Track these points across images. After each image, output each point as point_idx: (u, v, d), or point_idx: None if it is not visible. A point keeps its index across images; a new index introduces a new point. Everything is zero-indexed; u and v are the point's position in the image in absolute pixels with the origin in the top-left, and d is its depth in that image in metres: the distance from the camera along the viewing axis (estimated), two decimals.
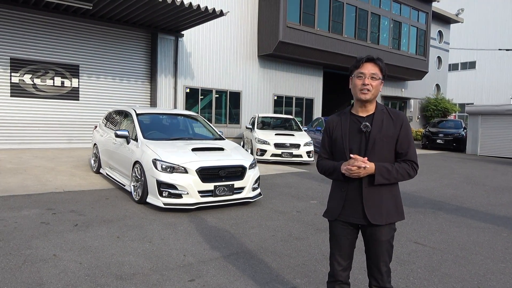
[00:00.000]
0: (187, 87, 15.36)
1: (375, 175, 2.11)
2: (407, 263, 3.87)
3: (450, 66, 38.86)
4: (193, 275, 3.42)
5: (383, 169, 2.12)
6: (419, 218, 5.69)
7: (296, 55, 17.32)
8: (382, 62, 2.20)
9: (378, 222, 2.17)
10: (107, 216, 5.14)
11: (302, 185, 8.08)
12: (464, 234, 4.97)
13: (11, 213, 5.07)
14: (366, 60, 2.19)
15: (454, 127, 19.23)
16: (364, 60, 2.19)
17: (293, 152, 11.26)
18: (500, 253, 4.30)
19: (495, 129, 16.74)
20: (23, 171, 8.02)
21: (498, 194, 7.91)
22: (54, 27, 12.22)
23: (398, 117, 2.22)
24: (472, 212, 6.24)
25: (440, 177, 9.87)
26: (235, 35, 16.53)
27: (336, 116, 2.35)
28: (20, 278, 3.21)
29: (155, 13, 12.00)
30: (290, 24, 16.32)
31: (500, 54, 36.82)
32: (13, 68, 11.66)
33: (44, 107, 12.24)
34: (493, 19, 38.16)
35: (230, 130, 16.61)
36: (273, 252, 4.06)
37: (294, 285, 3.31)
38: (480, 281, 3.51)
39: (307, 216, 5.58)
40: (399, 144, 2.19)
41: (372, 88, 2.16)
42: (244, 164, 5.97)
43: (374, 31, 20.34)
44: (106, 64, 13.35)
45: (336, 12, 18.24)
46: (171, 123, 7.67)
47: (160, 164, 5.51)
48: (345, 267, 2.31)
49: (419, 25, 23.20)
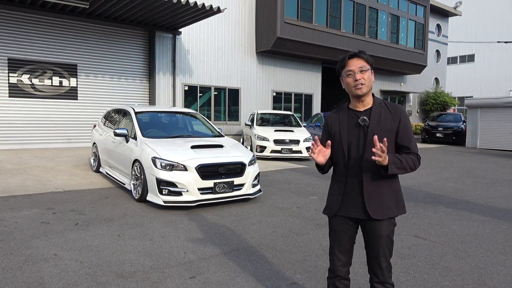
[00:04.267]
0: (186, 84, 15.34)
1: (389, 165, 2.06)
2: (407, 257, 3.88)
3: (449, 60, 38.79)
4: (194, 272, 3.42)
5: (395, 159, 2.09)
6: (419, 212, 5.69)
7: (295, 51, 17.28)
8: (365, 54, 2.20)
9: (379, 217, 2.16)
10: (107, 215, 5.14)
11: (302, 181, 8.08)
12: (464, 227, 4.97)
13: (11, 213, 5.08)
14: (349, 57, 2.19)
15: (453, 120, 19.22)
16: (347, 57, 2.20)
17: (292, 148, 11.26)
18: (500, 245, 4.30)
19: (495, 122, 16.72)
20: (23, 171, 8.02)
21: (498, 186, 7.92)
22: (51, 27, 12.18)
23: (396, 110, 2.21)
24: (472, 205, 6.25)
25: (440, 171, 9.88)
26: (233, 32, 16.48)
27: (334, 113, 2.35)
28: (21, 277, 3.22)
29: (152, 11, 11.96)
30: (288, 19, 16.27)
31: (499, 46, 36.74)
32: (11, 69, 11.64)
33: (42, 107, 12.23)
34: (492, 11, 38.05)
35: (229, 127, 16.60)
36: (274, 248, 4.07)
37: (294, 280, 3.32)
38: (480, 274, 3.52)
39: (307, 212, 5.58)
40: (399, 137, 2.18)
41: (365, 80, 2.16)
42: (244, 160, 5.97)
43: (372, 26, 20.29)
44: (104, 63, 13.33)
45: (334, 7, 18.19)
46: (170, 121, 7.66)
47: (159, 162, 5.51)
48: (345, 262, 2.31)
49: (417, 19, 23.14)
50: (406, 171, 2.16)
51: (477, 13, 38.49)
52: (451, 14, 27.87)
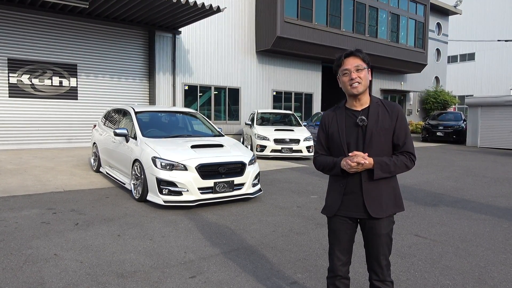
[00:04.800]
0: (186, 84, 15.33)
1: (374, 170, 2.11)
2: (407, 256, 3.87)
3: (449, 58, 38.76)
4: (194, 271, 3.42)
5: (381, 163, 2.12)
6: (419, 211, 5.69)
7: (295, 50, 17.27)
8: (362, 52, 2.20)
9: (378, 215, 2.16)
10: (108, 215, 5.15)
11: (302, 180, 8.08)
12: (464, 226, 4.97)
13: (11, 213, 5.08)
14: (345, 56, 2.20)
15: (454, 119, 19.20)
16: (343, 56, 2.20)
17: (293, 147, 11.26)
18: (501, 244, 4.30)
19: (495, 121, 16.71)
20: (23, 171, 8.03)
21: (498, 185, 7.91)
22: (51, 27, 12.18)
23: (393, 109, 2.21)
24: (472, 204, 6.24)
25: (440, 170, 9.87)
26: (232, 31, 16.48)
27: (331, 111, 2.34)
28: (21, 277, 3.22)
29: (152, 10, 11.96)
30: (287, 19, 16.26)
31: (499, 45, 36.70)
32: (11, 69, 11.64)
33: (42, 107, 12.23)
34: (492, 10, 38.01)
35: (229, 126, 16.60)
36: (274, 248, 4.07)
37: (295, 280, 3.31)
38: (481, 272, 3.52)
39: (308, 211, 5.58)
40: (395, 135, 2.19)
41: (361, 79, 2.16)
42: (244, 160, 5.97)
43: (372, 25, 20.26)
44: (104, 63, 13.33)
45: (334, 6, 18.17)
46: (170, 121, 7.66)
47: (159, 162, 5.51)
48: (345, 262, 2.31)
49: (418, 18, 23.11)
50: (396, 173, 2.18)
51: (477, 11, 38.46)
52: (451, 12, 27.84)
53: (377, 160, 2.12)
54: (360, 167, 2.10)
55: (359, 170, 2.12)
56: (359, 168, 2.11)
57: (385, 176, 2.14)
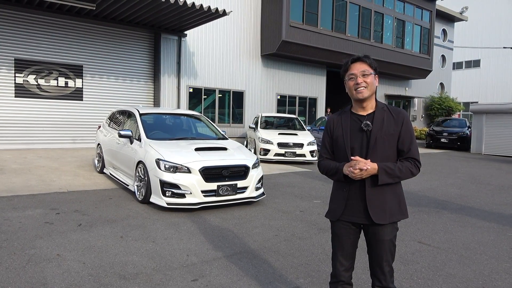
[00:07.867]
0: (190, 87, 15.38)
1: (379, 175, 2.10)
2: (411, 263, 3.85)
3: (454, 65, 38.64)
4: (196, 275, 3.42)
5: (386, 168, 2.11)
6: (423, 218, 5.66)
7: (299, 54, 17.28)
8: (369, 58, 2.21)
9: (381, 222, 2.16)
10: (111, 216, 5.16)
11: (305, 184, 8.06)
12: (468, 234, 4.94)
13: (15, 213, 5.10)
14: (352, 61, 2.21)
15: (458, 126, 19.12)
16: (350, 61, 2.21)
17: (296, 151, 11.25)
18: (505, 252, 4.27)
19: (500, 128, 16.62)
20: (28, 171, 8.06)
21: (503, 193, 7.86)
22: (58, 28, 12.27)
23: (399, 114, 2.21)
24: (476, 211, 6.20)
25: (444, 176, 9.82)
26: (238, 34, 16.52)
27: (337, 116, 2.34)
28: (24, 277, 3.23)
29: (158, 13, 12.02)
30: (293, 23, 16.29)
31: (504, 52, 36.57)
32: (17, 69, 11.72)
33: (48, 107, 12.30)
34: (498, 17, 37.90)
35: (233, 129, 16.62)
36: (276, 252, 4.06)
37: (297, 284, 3.30)
38: (484, 281, 3.49)
39: (311, 216, 5.56)
40: (400, 141, 2.18)
41: (367, 84, 2.16)
42: (247, 163, 5.97)
43: (378, 30, 20.26)
44: (110, 64, 13.39)
45: (339, 11, 18.19)
46: (174, 123, 7.68)
47: (163, 164, 5.52)
48: (348, 267, 2.30)
49: (423, 24, 23.09)
50: (400, 179, 2.17)
51: (483, 18, 38.35)
52: (457, 19, 27.79)
53: (382, 165, 2.11)
54: (364, 173, 2.10)
55: (363, 176, 2.11)
56: (363, 174, 2.10)
57: (390, 181, 2.13)
